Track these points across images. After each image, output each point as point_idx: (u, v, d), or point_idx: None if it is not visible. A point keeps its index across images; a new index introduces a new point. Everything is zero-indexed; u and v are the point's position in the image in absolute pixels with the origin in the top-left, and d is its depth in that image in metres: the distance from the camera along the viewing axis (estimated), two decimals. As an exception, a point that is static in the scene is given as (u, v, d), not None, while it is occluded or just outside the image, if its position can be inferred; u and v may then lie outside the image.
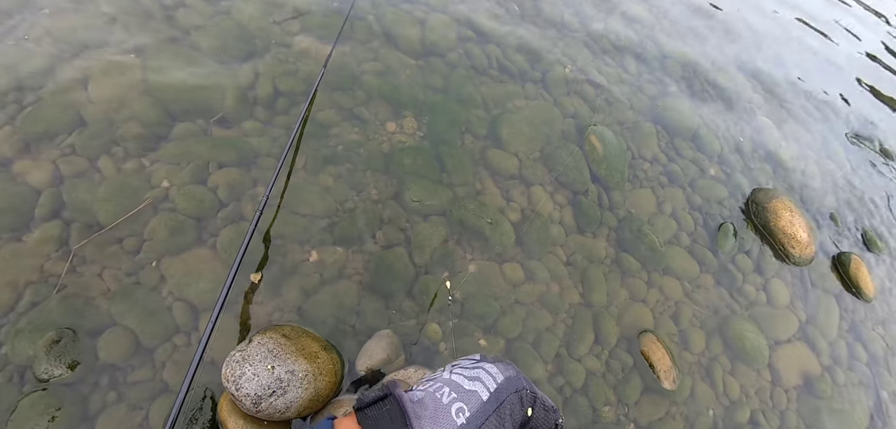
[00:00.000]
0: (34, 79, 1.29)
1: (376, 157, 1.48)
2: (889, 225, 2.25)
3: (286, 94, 1.50)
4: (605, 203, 1.69)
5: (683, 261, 1.71)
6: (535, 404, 0.40)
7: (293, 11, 1.72)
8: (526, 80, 1.88)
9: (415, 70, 1.73)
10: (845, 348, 1.78)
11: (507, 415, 0.35)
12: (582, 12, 2.32)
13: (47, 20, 1.42)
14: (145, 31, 1.48)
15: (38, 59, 1.32)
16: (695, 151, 1.98)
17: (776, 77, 2.69)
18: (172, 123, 1.33)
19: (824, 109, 2.69)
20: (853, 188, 2.32)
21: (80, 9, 1.47)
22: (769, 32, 2.99)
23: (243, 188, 1.27)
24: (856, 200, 2.26)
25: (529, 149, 1.68)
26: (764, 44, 2.88)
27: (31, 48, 1.34)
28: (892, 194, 2.41)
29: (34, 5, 1.44)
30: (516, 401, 0.37)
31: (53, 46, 1.36)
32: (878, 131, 2.76)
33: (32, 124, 1.21)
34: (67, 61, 1.34)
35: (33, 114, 1.23)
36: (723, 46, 2.66)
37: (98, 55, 1.39)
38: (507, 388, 0.36)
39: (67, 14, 1.44)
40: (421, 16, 1.89)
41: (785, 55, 2.89)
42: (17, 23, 1.40)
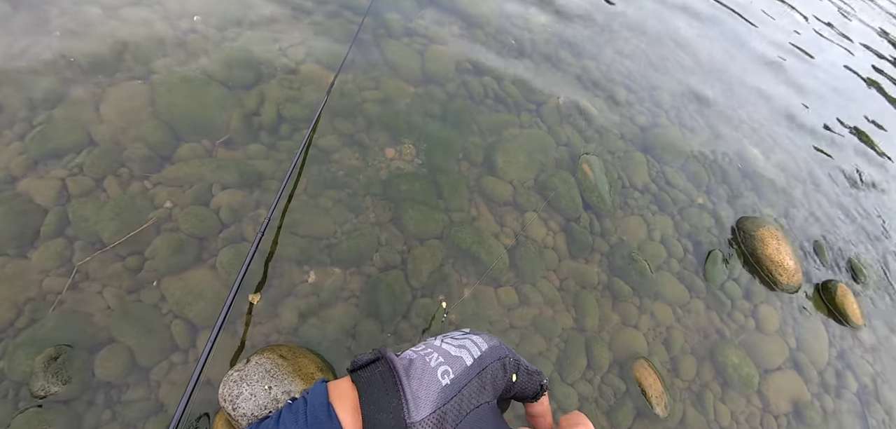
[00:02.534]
0: (45, 99, 1.35)
1: (375, 182, 1.55)
2: (873, 255, 2.35)
3: (289, 119, 1.58)
4: (596, 229, 1.76)
5: (674, 287, 1.77)
6: (519, 370, 0.43)
7: (299, 39, 1.83)
8: (520, 110, 1.99)
9: (414, 98, 1.83)
10: (834, 375, 1.84)
11: (489, 379, 0.37)
12: (575, 47, 2.46)
13: (58, 42, 1.50)
14: (156, 55, 1.57)
15: (49, 80, 1.40)
16: (684, 180, 2.09)
17: (764, 110, 2.84)
18: (178, 145, 1.40)
19: (811, 141, 2.84)
20: (839, 218, 2.43)
21: (90, 33, 1.55)
22: (756, 68, 3.17)
23: (245, 210, 1.33)
24: (841, 230, 2.37)
25: (524, 176, 1.77)
26: (752, 77, 3.05)
27: (43, 70, 1.42)
28: (876, 225, 2.53)
29: (46, 29, 1.52)
30: (499, 367, 0.40)
31: (65, 69, 1.44)
32: (864, 164, 2.90)
33: (41, 143, 1.27)
34: (78, 83, 1.42)
35: (43, 133, 1.29)
36: (711, 80, 2.82)
37: (108, 78, 1.47)
38: (491, 355, 0.39)
39: (79, 37, 1.53)
40: (420, 47, 2.01)
41: (773, 89, 3.06)
42: (29, 44, 1.48)
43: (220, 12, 1.79)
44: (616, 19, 2.88)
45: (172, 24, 1.67)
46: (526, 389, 0.42)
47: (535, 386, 0.43)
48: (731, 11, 3.67)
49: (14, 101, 1.34)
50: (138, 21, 1.64)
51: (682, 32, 3.10)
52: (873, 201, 2.68)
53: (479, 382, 0.36)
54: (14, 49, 1.45)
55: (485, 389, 0.36)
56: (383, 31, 2.02)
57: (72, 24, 1.55)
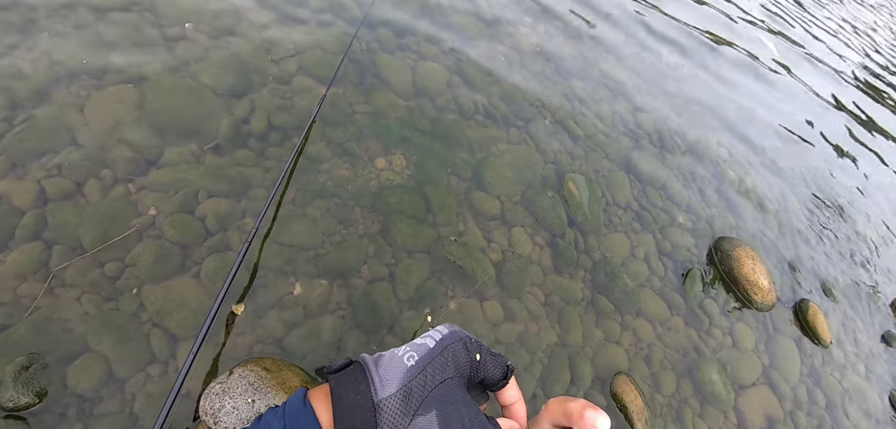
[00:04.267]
0: (29, 100, 1.34)
1: (364, 193, 1.58)
2: (842, 275, 2.49)
3: (280, 128, 1.60)
4: (581, 246, 1.82)
5: (655, 304, 1.84)
6: (482, 351, 0.44)
7: (292, 50, 1.86)
8: (509, 127, 2.05)
9: (405, 111, 1.87)
10: (806, 392, 1.93)
11: (450, 357, 0.39)
12: (563, 68, 2.57)
13: (47, 43, 1.49)
14: (146, 59, 1.57)
15: (35, 81, 1.39)
16: (665, 200, 2.18)
17: (741, 134, 3.00)
18: (164, 149, 1.40)
19: (784, 165, 3.00)
20: (810, 239, 2.57)
21: (80, 34, 1.55)
22: (733, 94, 3.35)
23: (232, 218, 1.33)
24: (812, 251, 2.50)
25: (511, 192, 1.83)
26: (729, 103, 3.22)
27: (29, 70, 1.40)
28: (845, 247, 2.68)
29: (35, 29, 1.51)
30: (461, 347, 0.41)
31: (51, 69, 1.43)
32: (836, 188, 3.08)
33: (21, 143, 1.25)
34: (64, 84, 1.41)
35: (23, 133, 1.27)
36: (691, 104, 2.96)
37: (96, 80, 1.46)
38: (451, 337, 0.41)
39: (68, 38, 1.52)
40: (412, 62, 2.06)
41: (750, 116, 3.23)
42: (16, 43, 1.46)
43: (212, 20, 1.80)
44: (601, 43, 3.02)
45: (163, 30, 1.68)
46: (492, 371, 0.43)
47: (500, 368, 0.44)
48: (708, 35, 3.89)
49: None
50: (128, 25, 1.65)
51: (665, 57, 3.26)
52: (842, 224, 2.84)
53: (442, 359, 0.39)
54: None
55: (447, 366, 0.38)
56: (376, 45, 2.07)
57: (60, 26, 1.54)
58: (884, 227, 3.06)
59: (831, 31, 5.91)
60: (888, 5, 7.06)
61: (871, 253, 2.79)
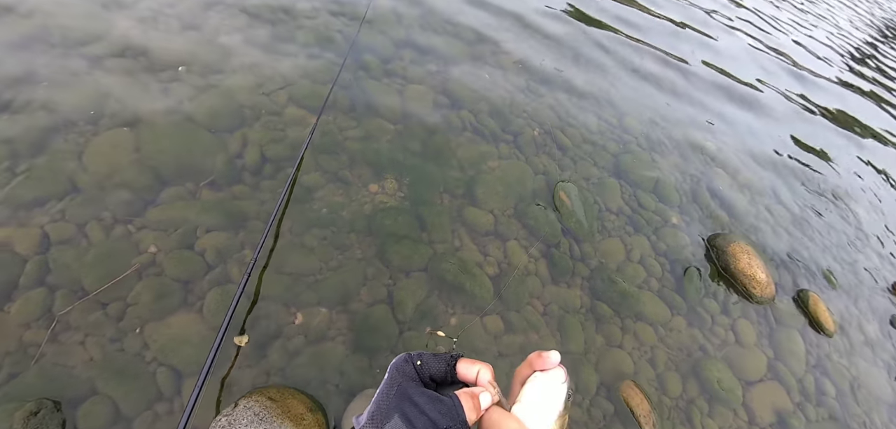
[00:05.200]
0: (29, 149, 1.45)
1: (359, 218, 1.69)
2: (841, 262, 2.63)
3: (273, 160, 1.72)
4: (576, 254, 1.94)
5: (655, 306, 1.95)
6: (423, 356, 0.51)
7: (282, 83, 2.00)
8: (498, 142, 2.20)
9: (395, 135, 2.01)
10: (813, 383, 2.02)
11: (396, 372, 0.47)
12: (547, 80, 2.75)
13: (44, 92, 1.62)
14: (140, 103, 1.70)
15: (35, 130, 1.50)
16: (656, 202, 2.33)
17: (726, 131, 3.20)
18: (162, 188, 1.51)
19: (773, 158, 3.19)
20: (804, 229, 2.72)
21: (77, 83, 1.68)
22: (713, 91, 3.58)
23: (231, 251, 1.43)
24: (807, 240, 2.65)
25: (504, 206, 1.95)
26: (713, 100, 3.43)
27: (27, 120, 1.52)
28: (839, 233, 2.83)
29: (33, 79, 1.64)
30: (401, 361, 0.49)
31: (49, 117, 1.55)
32: (822, 176, 3.27)
33: (23, 191, 1.36)
34: (62, 132, 1.53)
35: (25, 182, 1.38)
36: (675, 105, 3.17)
37: (92, 126, 1.58)
38: (395, 361, 0.50)
39: (65, 88, 1.65)
40: (399, 86, 2.23)
41: (732, 111, 3.45)
42: (15, 94, 1.59)
43: (204, 60, 1.95)
44: (583, 55, 3.24)
45: (157, 74, 1.82)
46: (436, 367, 0.50)
47: (443, 361, 0.51)
48: (697, 33, 4.16)
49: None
50: (122, 71, 1.79)
51: (647, 65, 3.49)
52: (836, 213, 3.01)
53: (390, 378, 0.48)
54: (1, 97, 1.56)
55: (395, 379, 0.48)
56: (363, 73, 2.23)
57: (59, 76, 1.68)
58: (876, 212, 3.24)
59: (801, 27, 6.30)
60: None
61: (865, 237, 2.94)
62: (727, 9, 5.34)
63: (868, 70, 5.77)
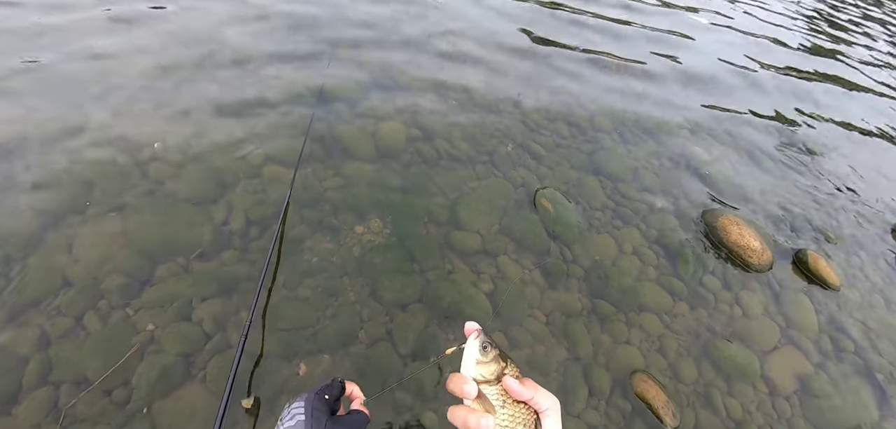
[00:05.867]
0: (20, 251, 1.55)
1: (349, 261, 1.78)
2: (832, 215, 2.74)
3: (258, 221, 1.83)
4: (568, 257, 2.04)
5: (655, 294, 2.03)
6: (325, 390, 0.77)
7: (256, 144, 2.15)
8: (475, 164, 2.34)
9: (373, 174, 2.15)
10: (830, 342, 2.07)
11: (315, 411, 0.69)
12: (511, 94, 2.95)
13: (28, 195, 1.73)
14: (123, 189, 1.82)
15: (24, 233, 1.60)
16: (639, 191, 2.45)
17: (696, 108, 3.39)
18: (154, 267, 1.60)
19: (746, 126, 3.37)
20: (790, 189, 2.84)
21: (60, 182, 1.80)
22: (676, 77, 3.82)
23: (227, 316, 1.51)
24: (795, 200, 2.77)
25: (489, 223, 2.06)
26: (675, 82, 3.66)
27: (14, 223, 1.63)
28: (827, 188, 2.97)
29: (17, 185, 1.76)
30: (315, 398, 0.73)
31: (37, 218, 1.65)
32: (799, 135, 3.45)
33: (19, 295, 1.44)
34: (51, 229, 1.63)
35: (19, 285, 1.46)
36: (640, 94, 3.37)
37: (79, 217, 1.69)
38: (308, 402, 0.71)
39: (49, 188, 1.77)
40: (371, 128, 2.39)
41: (698, 88, 3.67)
42: (0, 202, 1.70)
43: (178, 134, 2.09)
44: (544, 67, 3.48)
45: (134, 155, 1.96)
46: (337, 392, 0.77)
47: (337, 387, 0.78)
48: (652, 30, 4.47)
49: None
50: (103, 160, 1.91)
51: (605, 60, 3.75)
52: (819, 166, 3.16)
53: (313, 418, 0.68)
54: None
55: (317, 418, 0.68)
56: (334, 119, 2.40)
57: (39, 175, 1.80)
58: (858, 160, 3.39)
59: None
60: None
61: (853, 186, 3.07)
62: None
63: (826, 27, 6.16)
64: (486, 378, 0.51)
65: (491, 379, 0.51)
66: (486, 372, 0.51)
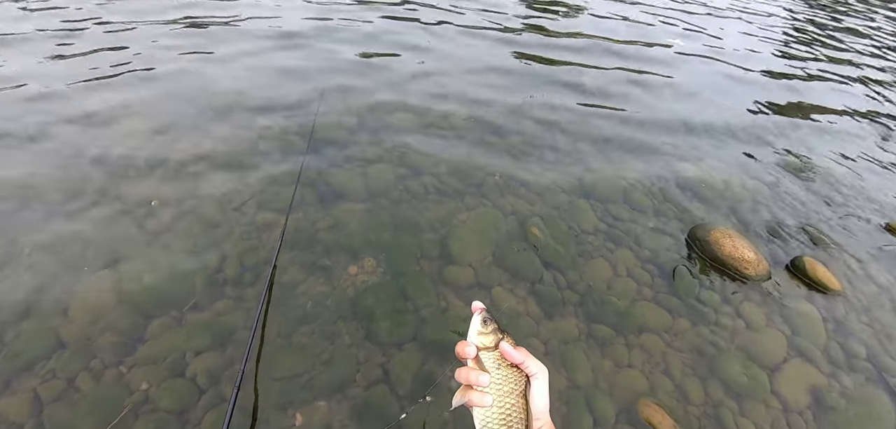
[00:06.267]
0: (16, 316, 1.59)
1: (343, 303, 1.80)
2: (825, 219, 2.76)
3: (252, 267, 1.87)
4: (562, 284, 2.05)
5: (654, 314, 2.03)
6: None
7: (249, 194, 2.23)
8: (463, 196, 2.41)
9: (363, 215, 2.20)
10: (839, 349, 2.05)
11: None
12: (499, 128, 3.06)
13: (28, 259, 1.79)
14: (119, 245, 1.88)
15: (20, 298, 1.65)
16: (629, 210, 2.50)
17: (681, 121, 3.50)
18: (148, 323, 1.62)
19: (732, 138, 3.46)
20: (779, 198, 2.88)
21: (59, 246, 1.86)
22: (661, 97, 3.96)
23: (221, 369, 1.51)
24: (785, 208, 2.80)
25: (481, 256, 2.10)
26: (660, 95, 3.79)
27: (12, 288, 1.67)
28: (815, 191, 3.01)
29: (16, 248, 1.82)
30: None
31: (34, 282, 1.70)
32: (785, 142, 3.53)
33: (12, 361, 1.46)
34: (46, 290, 1.68)
35: (13, 350, 1.49)
36: (625, 114, 3.49)
37: (74, 279, 1.73)
38: None
39: (45, 251, 1.83)
40: (361, 169, 2.48)
41: (680, 107, 3.80)
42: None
43: (174, 190, 2.18)
44: (527, 95, 3.62)
45: (132, 213, 2.03)
46: None
47: None
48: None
49: None
50: (101, 220, 1.99)
51: (588, 85, 3.90)
52: (806, 172, 3.21)
53: None
54: None
55: None
56: (325, 164, 2.49)
57: (40, 238, 1.87)
58: (845, 159, 3.45)
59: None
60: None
61: (842, 188, 3.11)
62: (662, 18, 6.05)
63: (800, 49, 6.42)
64: (485, 346, 0.62)
65: (490, 346, 0.62)
66: (486, 341, 0.62)
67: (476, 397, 0.60)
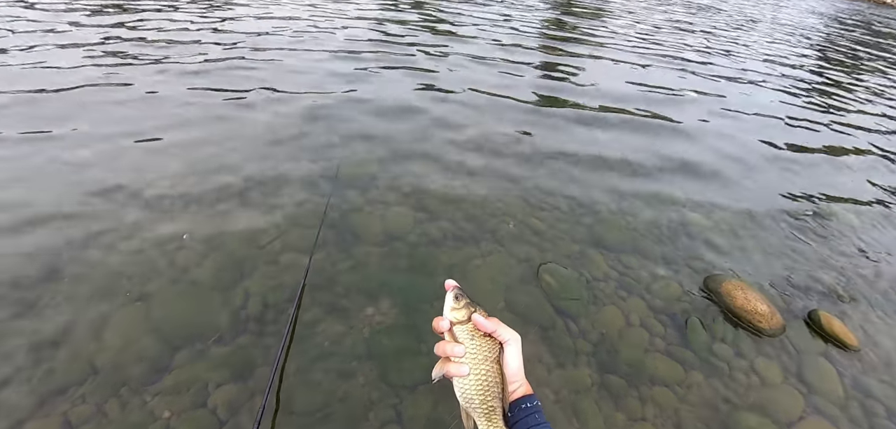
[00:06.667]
0: (53, 340, 1.70)
1: (359, 343, 1.87)
2: (840, 272, 2.77)
3: (274, 305, 1.96)
4: (574, 331, 2.10)
5: (666, 367, 2.04)
6: None
7: (275, 233, 2.36)
8: (479, 241, 2.50)
9: (382, 257, 2.31)
10: (859, 407, 2.02)
11: None
12: (513, 175, 3.20)
13: (67, 287, 1.92)
14: (150, 278, 2.00)
15: (59, 322, 1.77)
16: (640, 259, 2.56)
17: (691, 166, 3.59)
18: (174, 353, 1.71)
19: (743, 183, 3.53)
20: (792, 250, 2.90)
21: (93, 274, 2.00)
22: (668, 142, 4.08)
23: (241, 402, 1.58)
24: (799, 260, 2.82)
25: (494, 300, 2.16)
26: (672, 139, 3.91)
27: (53, 313, 1.80)
28: (830, 243, 3.03)
29: (56, 277, 1.96)
30: None
31: (71, 309, 1.82)
32: (800, 189, 3.58)
33: (47, 382, 1.56)
34: (82, 315, 1.80)
35: (48, 373, 1.59)
36: (634, 166, 3.61)
37: (109, 307, 1.85)
38: None
39: (84, 280, 1.97)
40: (380, 212, 2.61)
41: (690, 146, 3.91)
42: (40, 294, 1.89)
43: (205, 226, 2.32)
44: (540, 150, 3.79)
45: (163, 247, 2.17)
46: None
47: None
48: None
49: (22, 347, 1.67)
50: (132, 251, 2.13)
51: (600, 137, 4.05)
52: (820, 221, 3.24)
53: None
54: (28, 298, 1.86)
55: None
56: (347, 206, 2.62)
57: (78, 268, 2.00)
58: (861, 210, 3.48)
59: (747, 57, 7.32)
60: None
61: (859, 240, 3.13)
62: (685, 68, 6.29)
63: (810, 83, 6.58)
64: (459, 320, 0.67)
65: (463, 320, 0.67)
66: (459, 315, 0.67)
67: (454, 368, 0.65)
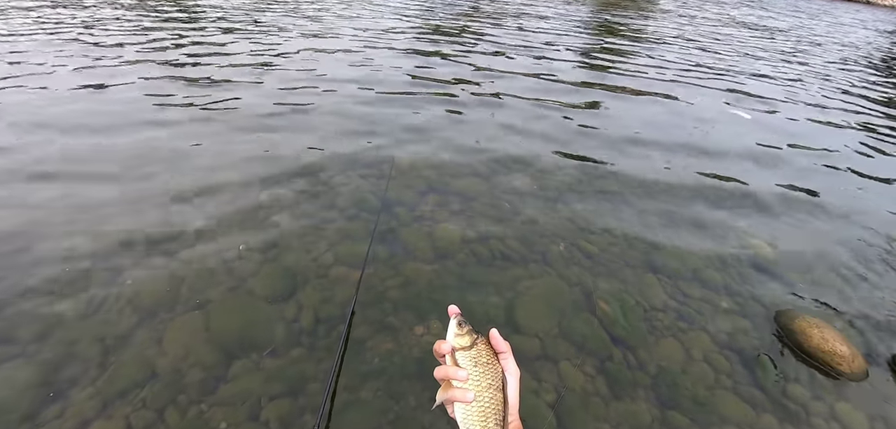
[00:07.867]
0: (116, 342, 1.79)
1: (409, 362, 1.86)
2: None
3: (325, 319, 1.99)
4: (632, 363, 2.00)
5: (735, 406, 1.90)
6: None
7: (326, 247, 2.41)
8: (528, 262, 2.46)
9: (431, 275, 2.30)
10: (960, 470, 1.81)
11: None
12: (562, 196, 3.14)
13: (129, 289, 2.03)
14: (209, 286, 2.09)
15: (123, 324, 1.86)
16: (701, 288, 2.42)
17: (753, 191, 3.40)
18: (230, 364, 1.75)
19: (812, 210, 3.30)
20: (876, 282, 2.67)
21: (154, 278, 2.10)
22: (730, 150, 3.90)
23: (292, 417, 1.59)
24: (884, 292, 2.59)
25: (548, 326, 2.10)
26: (732, 162, 3.73)
27: (116, 316, 1.90)
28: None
29: (118, 280, 2.07)
30: None
31: (134, 314, 1.92)
32: (875, 217, 3.31)
33: (111, 385, 1.63)
34: (146, 321, 1.88)
35: (112, 375, 1.66)
36: (694, 194, 3.46)
37: (169, 314, 1.93)
38: None
39: (145, 282, 2.07)
40: (428, 229, 2.61)
41: (756, 167, 3.71)
42: (106, 294, 2.00)
43: (260, 237, 2.41)
44: (591, 172, 3.71)
45: (222, 256, 2.25)
46: None
47: None
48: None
49: (92, 349, 1.75)
50: (193, 259, 2.22)
51: (654, 159, 3.92)
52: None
53: None
54: (93, 301, 1.96)
55: None
56: (395, 223, 2.65)
57: (140, 273, 2.11)
58: None
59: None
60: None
61: None
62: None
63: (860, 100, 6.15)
64: (462, 346, 0.67)
65: (466, 346, 0.67)
66: (462, 341, 0.68)
67: (458, 394, 0.63)
